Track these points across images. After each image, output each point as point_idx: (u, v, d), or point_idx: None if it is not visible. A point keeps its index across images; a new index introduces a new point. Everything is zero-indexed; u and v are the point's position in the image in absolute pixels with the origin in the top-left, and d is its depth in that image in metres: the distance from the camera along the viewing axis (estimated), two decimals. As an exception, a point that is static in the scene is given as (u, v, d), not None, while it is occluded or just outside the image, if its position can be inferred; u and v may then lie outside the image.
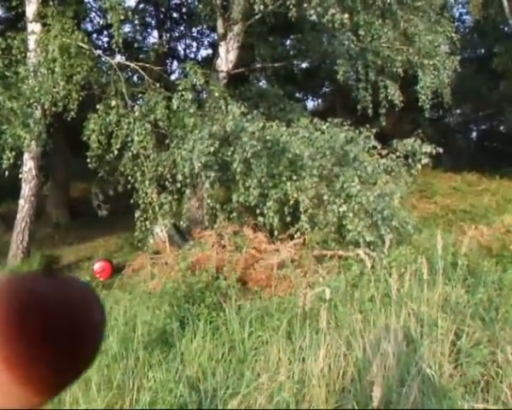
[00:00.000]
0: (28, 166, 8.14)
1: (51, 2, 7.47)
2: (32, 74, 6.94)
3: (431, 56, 9.57)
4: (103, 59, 8.19)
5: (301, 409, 2.95)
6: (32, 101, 6.79)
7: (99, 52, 8.46)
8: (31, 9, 7.84)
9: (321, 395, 3.00)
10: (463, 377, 3.25)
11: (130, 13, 7.69)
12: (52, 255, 8.49)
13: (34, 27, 7.71)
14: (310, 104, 20.57)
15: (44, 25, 7.50)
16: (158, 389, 3.29)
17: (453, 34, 10.05)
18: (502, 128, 20.52)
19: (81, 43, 7.28)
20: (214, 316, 4.39)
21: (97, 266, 7.25)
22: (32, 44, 7.54)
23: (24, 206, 8.24)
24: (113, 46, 7.35)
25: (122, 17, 7.04)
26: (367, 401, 2.79)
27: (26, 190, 8.20)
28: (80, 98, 7.21)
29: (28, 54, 7.39)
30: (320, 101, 20.95)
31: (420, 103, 9.43)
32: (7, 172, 6.98)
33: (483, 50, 19.20)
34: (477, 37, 18.92)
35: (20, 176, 7.91)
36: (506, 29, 16.27)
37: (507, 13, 13.67)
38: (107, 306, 4.99)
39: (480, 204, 10.65)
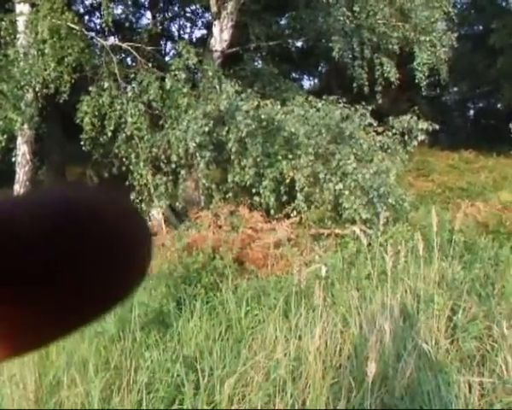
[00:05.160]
0: (22, 150, 8.06)
1: (39, -18, 7.30)
2: (22, 56, 6.80)
3: (427, 33, 9.43)
4: (95, 40, 8.04)
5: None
6: (22, 83, 6.67)
7: (91, 34, 8.31)
8: (18, -10, 7.68)
9: (317, 372, 3.00)
10: (459, 352, 3.25)
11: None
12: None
13: (23, 8, 7.54)
14: (306, 84, 20.40)
15: (33, 5, 7.33)
16: (155, 368, 3.28)
17: (450, 10, 9.89)
18: (499, 106, 20.42)
19: (71, 24, 7.13)
20: (211, 296, 4.39)
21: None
22: (20, 26, 7.38)
23: (19, 191, 8.18)
24: (104, 27, 7.23)
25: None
26: (363, 376, 2.79)
27: (21, 174, 8.13)
28: (72, 80, 7.08)
29: (17, 36, 7.26)
30: (316, 80, 20.78)
31: (416, 81, 9.31)
32: (-1, 157, 6.91)
33: (481, 27, 19.01)
34: (474, 12, 18.72)
35: (14, 159, 7.84)
36: (504, 4, 16.11)
37: (504, -13, 13.50)
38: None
39: (477, 181, 10.65)
